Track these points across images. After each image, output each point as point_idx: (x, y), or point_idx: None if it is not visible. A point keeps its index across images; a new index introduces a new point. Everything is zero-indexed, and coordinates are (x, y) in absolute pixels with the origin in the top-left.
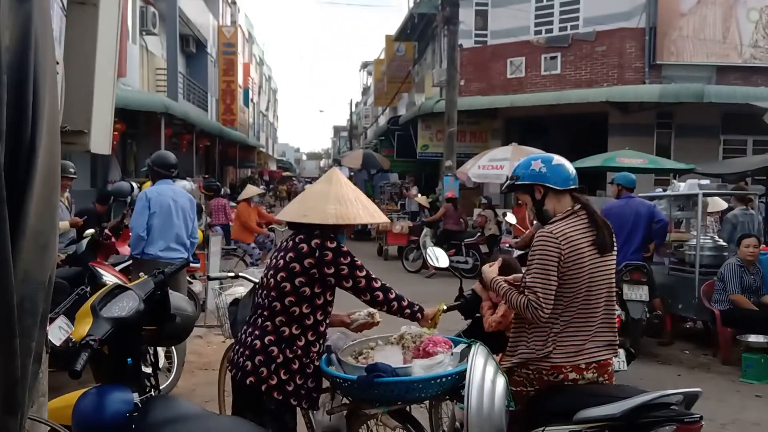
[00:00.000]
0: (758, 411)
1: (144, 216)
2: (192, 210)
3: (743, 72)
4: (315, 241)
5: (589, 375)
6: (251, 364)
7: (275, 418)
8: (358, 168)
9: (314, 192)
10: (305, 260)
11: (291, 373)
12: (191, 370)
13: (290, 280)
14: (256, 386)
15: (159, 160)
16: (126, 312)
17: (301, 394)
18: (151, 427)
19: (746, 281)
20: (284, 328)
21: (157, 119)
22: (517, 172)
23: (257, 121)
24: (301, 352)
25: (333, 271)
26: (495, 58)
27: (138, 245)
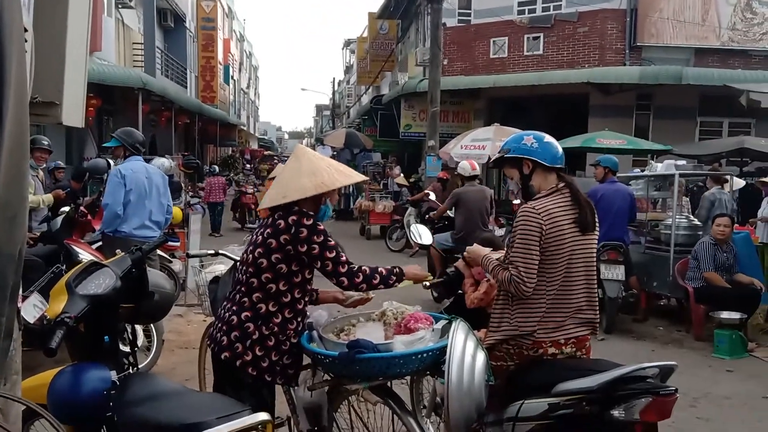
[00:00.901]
0: (729, 385)
1: (120, 193)
2: (165, 187)
3: (721, 54)
4: (292, 217)
5: (568, 350)
6: (227, 339)
7: (252, 392)
8: (341, 147)
9: (286, 172)
10: (281, 236)
11: (266, 349)
12: (171, 348)
13: (267, 257)
14: (231, 361)
15: (131, 137)
16: (102, 289)
17: (276, 370)
18: (129, 404)
19: (719, 259)
20: (261, 304)
21: (134, 95)
22: (507, 146)
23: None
24: (277, 329)
25: (305, 249)
26: (478, 37)
27: (112, 223)
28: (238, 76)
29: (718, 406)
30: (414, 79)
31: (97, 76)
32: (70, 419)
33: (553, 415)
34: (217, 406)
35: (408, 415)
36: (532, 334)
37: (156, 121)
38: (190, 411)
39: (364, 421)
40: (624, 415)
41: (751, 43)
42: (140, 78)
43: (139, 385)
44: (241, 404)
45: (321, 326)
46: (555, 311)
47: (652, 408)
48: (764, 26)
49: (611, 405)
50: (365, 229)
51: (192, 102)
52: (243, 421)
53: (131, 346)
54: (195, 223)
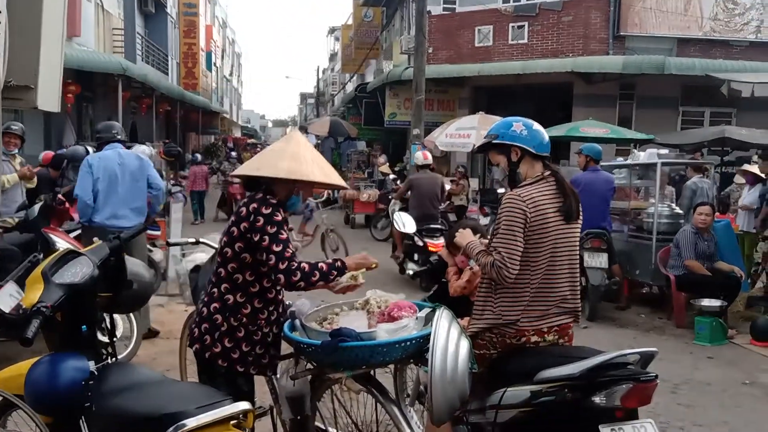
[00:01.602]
0: (709, 372)
1: (87, 182)
2: (142, 171)
3: (703, 44)
4: (253, 204)
5: (550, 337)
6: (198, 331)
7: (227, 382)
8: (325, 135)
9: (270, 149)
10: (241, 224)
11: (236, 341)
12: (152, 338)
13: (231, 246)
14: (200, 354)
15: (102, 126)
16: (79, 278)
17: (248, 360)
18: (107, 394)
19: (700, 247)
20: (228, 295)
21: (114, 82)
22: (495, 132)
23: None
24: (246, 320)
25: (258, 239)
26: (463, 26)
27: (85, 213)
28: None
29: (698, 392)
30: (399, 67)
31: (76, 62)
32: (47, 410)
33: (535, 402)
34: (197, 395)
35: (391, 403)
36: (516, 322)
37: (137, 108)
38: (169, 400)
39: (347, 410)
40: (605, 401)
41: (733, 34)
42: (120, 64)
43: (118, 374)
44: (221, 393)
45: (303, 315)
46: (539, 300)
47: (633, 394)
48: (745, 16)
49: (593, 392)
50: (350, 218)
51: (173, 89)
52: (223, 411)
53: (110, 336)
54: (176, 211)
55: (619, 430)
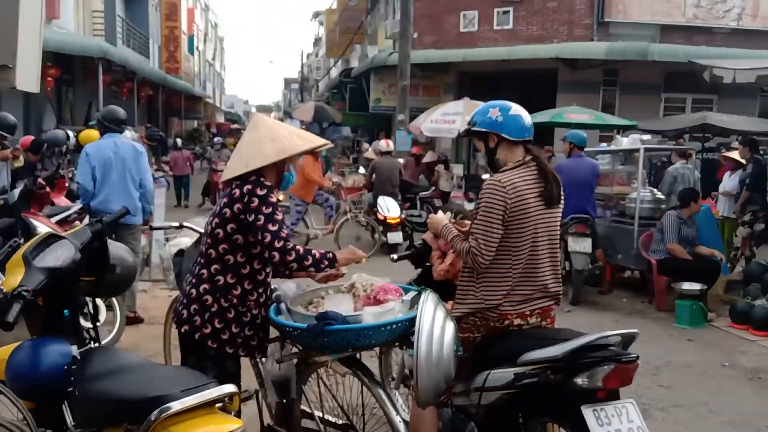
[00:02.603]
0: (690, 354)
1: (86, 169)
2: (136, 161)
3: (686, 31)
4: (247, 186)
5: (533, 320)
6: (187, 312)
7: (215, 364)
8: (310, 121)
9: (245, 141)
10: (235, 205)
11: (226, 322)
12: (136, 324)
13: (223, 227)
14: (190, 335)
15: (109, 114)
16: (61, 262)
17: (237, 342)
18: (90, 378)
19: (684, 232)
20: (219, 276)
21: (95, 65)
22: (474, 118)
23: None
24: (237, 301)
25: (253, 218)
26: (448, 10)
27: (86, 197)
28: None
29: (679, 374)
30: (384, 53)
31: (56, 45)
32: (29, 395)
33: (519, 384)
34: (182, 378)
35: (377, 386)
36: (498, 306)
37: (117, 92)
38: (153, 384)
39: (333, 393)
40: (587, 382)
41: (715, 20)
42: (100, 47)
43: (101, 359)
44: (206, 377)
45: (289, 299)
46: (522, 285)
47: (615, 375)
48: (728, 3)
49: (575, 373)
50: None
51: (155, 73)
52: (209, 393)
53: (92, 321)
54: (159, 196)
55: (600, 410)
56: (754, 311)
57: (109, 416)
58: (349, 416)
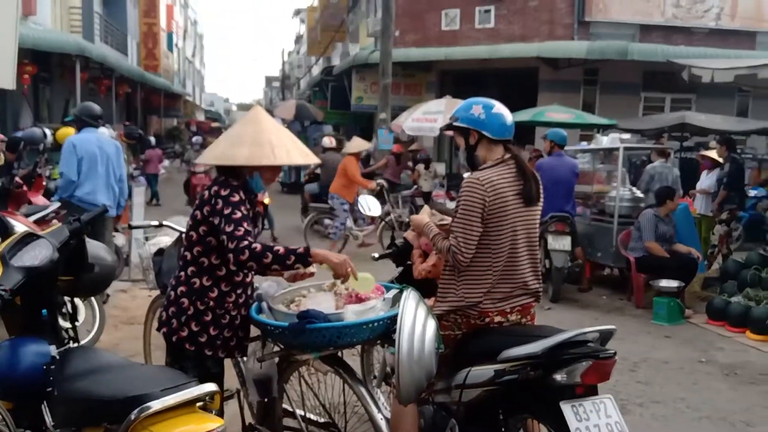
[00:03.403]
0: (667, 350)
1: (73, 161)
2: (118, 157)
3: (665, 31)
4: (214, 188)
5: (513, 317)
6: (165, 314)
7: (196, 365)
8: (291, 119)
9: (232, 134)
10: (204, 208)
11: (204, 324)
12: (115, 324)
13: (195, 229)
14: (168, 337)
15: (86, 110)
16: (39, 261)
17: (216, 344)
18: (69, 378)
19: (661, 230)
20: (195, 279)
21: (72, 62)
22: (457, 113)
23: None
24: (214, 303)
25: (217, 222)
26: (430, 9)
27: (67, 189)
28: (183, 44)
29: (656, 370)
30: (365, 50)
31: (32, 42)
32: (8, 395)
33: (499, 381)
34: (162, 378)
35: (359, 384)
36: (479, 304)
37: (95, 89)
38: (133, 383)
39: (314, 392)
40: (566, 378)
41: (694, 20)
42: (78, 44)
43: (80, 359)
44: (186, 376)
45: (271, 297)
46: (502, 283)
47: (593, 371)
48: (706, 3)
49: (554, 369)
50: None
51: (133, 70)
52: (189, 393)
53: (71, 320)
54: (138, 195)
55: (579, 406)
56: (730, 308)
57: (88, 416)
58: (331, 414)
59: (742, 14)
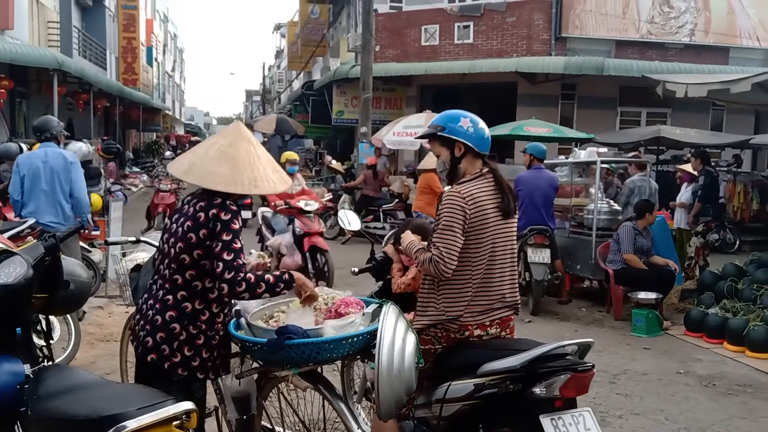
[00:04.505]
0: (646, 362)
1: (16, 179)
2: (68, 172)
3: (640, 47)
4: (212, 211)
5: (493, 330)
6: (152, 340)
7: (182, 388)
8: (272, 133)
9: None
10: (200, 231)
11: (196, 348)
12: (91, 342)
13: (188, 253)
14: (159, 364)
15: (40, 124)
16: (13, 278)
17: (207, 367)
18: (43, 398)
19: (639, 242)
20: (186, 303)
21: (50, 76)
22: (441, 123)
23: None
24: (205, 326)
25: (213, 245)
26: (410, 24)
27: (16, 208)
28: (162, 59)
29: (635, 382)
30: (346, 65)
31: (9, 56)
32: None
33: (478, 395)
34: (138, 396)
35: (339, 399)
36: (459, 318)
37: (73, 104)
38: (108, 402)
39: (294, 408)
40: (545, 391)
41: (668, 36)
42: (56, 58)
43: (55, 377)
44: (163, 394)
45: (249, 313)
46: (481, 296)
47: (571, 384)
48: (680, 20)
49: (533, 383)
50: None
51: (112, 84)
52: (165, 411)
53: (46, 338)
54: (116, 210)
55: (558, 419)
56: (707, 319)
57: None
58: (311, 431)
59: (716, 30)
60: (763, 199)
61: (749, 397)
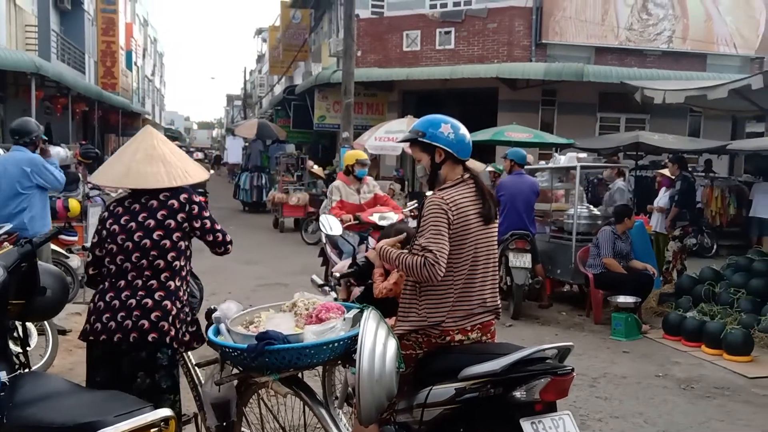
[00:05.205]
0: (625, 365)
1: None
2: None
3: (619, 53)
4: (183, 195)
5: (474, 335)
6: (148, 322)
7: (168, 372)
8: (253, 138)
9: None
10: (178, 215)
11: (182, 322)
12: (69, 348)
13: (168, 237)
14: (160, 340)
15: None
16: None
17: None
18: (20, 405)
19: (618, 247)
20: (170, 282)
21: (27, 81)
22: (422, 128)
23: (142, 86)
24: (184, 301)
25: (199, 225)
26: (391, 30)
27: None
28: (142, 63)
29: (615, 385)
30: (328, 70)
31: None
32: None
33: (459, 399)
34: (116, 403)
35: (319, 405)
36: (441, 323)
37: (51, 108)
38: (85, 410)
39: (274, 414)
40: (525, 395)
41: (647, 43)
42: (33, 62)
43: (31, 385)
44: (141, 401)
45: (229, 319)
46: (463, 301)
47: (551, 387)
48: (658, 27)
49: (514, 386)
50: (278, 222)
51: (91, 88)
52: (143, 418)
53: (23, 345)
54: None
55: (538, 422)
56: (685, 323)
57: None
58: None
59: (693, 37)
60: (740, 204)
61: (727, 400)
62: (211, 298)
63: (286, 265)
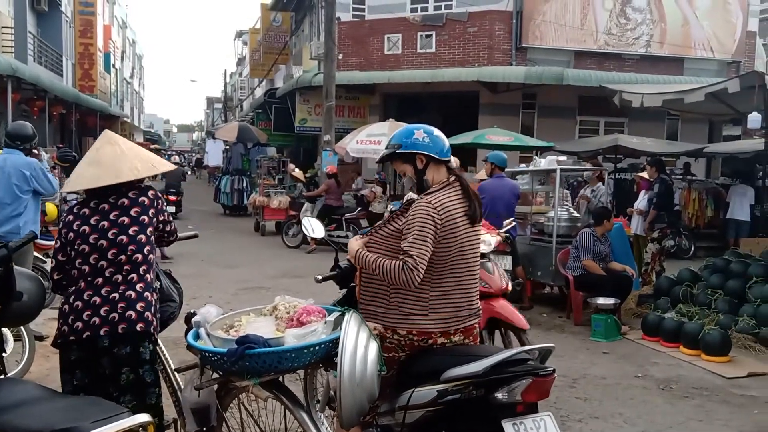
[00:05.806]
0: (605, 366)
1: None
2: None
3: (598, 57)
4: (151, 192)
5: (456, 338)
6: (134, 313)
7: (151, 366)
8: (234, 141)
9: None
10: (149, 211)
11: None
12: (46, 354)
13: (143, 232)
14: (146, 330)
15: (9, 129)
16: None
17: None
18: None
19: (598, 249)
20: (147, 275)
21: (3, 83)
22: (397, 141)
23: (120, 88)
24: (157, 291)
25: (163, 217)
26: (373, 33)
27: None
28: (121, 65)
29: (595, 386)
30: (309, 73)
31: None
32: None
33: (441, 401)
34: (93, 409)
35: (300, 409)
36: (422, 325)
37: (28, 110)
38: (62, 416)
39: (255, 419)
40: (507, 396)
41: (625, 47)
42: (9, 65)
43: (7, 391)
44: (119, 407)
45: (209, 323)
46: (446, 303)
47: (532, 388)
48: (636, 31)
49: (496, 388)
50: (260, 225)
51: (68, 91)
52: (121, 424)
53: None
54: None
55: (520, 424)
56: (664, 324)
57: None
58: None
59: (671, 41)
60: (717, 206)
61: (705, 400)
62: (192, 302)
63: (268, 268)
